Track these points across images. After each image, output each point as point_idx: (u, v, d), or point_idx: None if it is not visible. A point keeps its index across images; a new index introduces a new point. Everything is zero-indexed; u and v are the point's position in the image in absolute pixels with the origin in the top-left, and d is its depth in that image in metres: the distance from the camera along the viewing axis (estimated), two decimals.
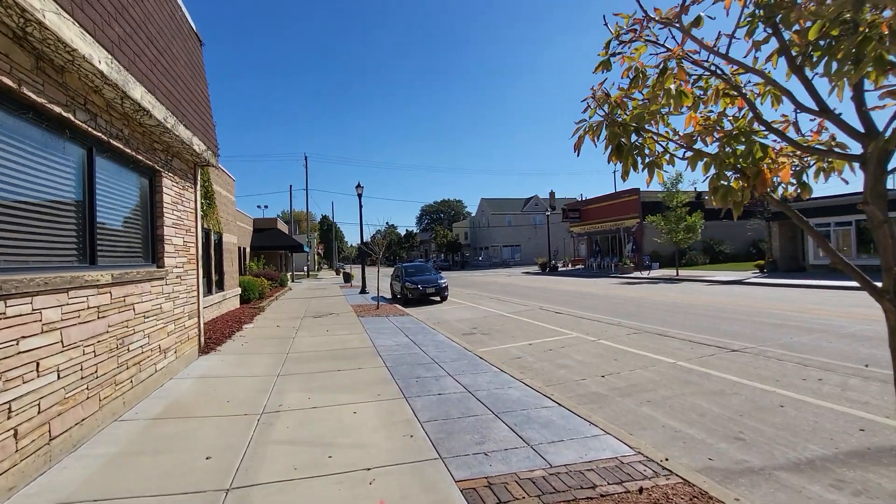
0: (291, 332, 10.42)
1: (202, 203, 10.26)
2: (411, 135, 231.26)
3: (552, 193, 69.00)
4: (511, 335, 10.00)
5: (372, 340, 9.09)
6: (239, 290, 14.81)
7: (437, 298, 17.77)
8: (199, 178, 7.75)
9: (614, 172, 61.69)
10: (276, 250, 29.00)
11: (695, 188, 26.82)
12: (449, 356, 7.56)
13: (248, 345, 8.81)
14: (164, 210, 6.21)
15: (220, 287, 12.76)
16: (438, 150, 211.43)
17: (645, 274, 28.32)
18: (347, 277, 32.76)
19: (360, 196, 22.47)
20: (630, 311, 12.61)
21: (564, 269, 40.41)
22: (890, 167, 1.87)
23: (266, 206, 79.12)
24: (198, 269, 7.55)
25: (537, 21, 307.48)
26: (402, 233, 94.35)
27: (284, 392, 5.61)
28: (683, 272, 26.41)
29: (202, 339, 7.72)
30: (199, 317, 7.56)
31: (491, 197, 69.01)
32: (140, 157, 5.46)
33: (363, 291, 22.06)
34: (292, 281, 36.06)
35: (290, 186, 47.69)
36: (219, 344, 8.72)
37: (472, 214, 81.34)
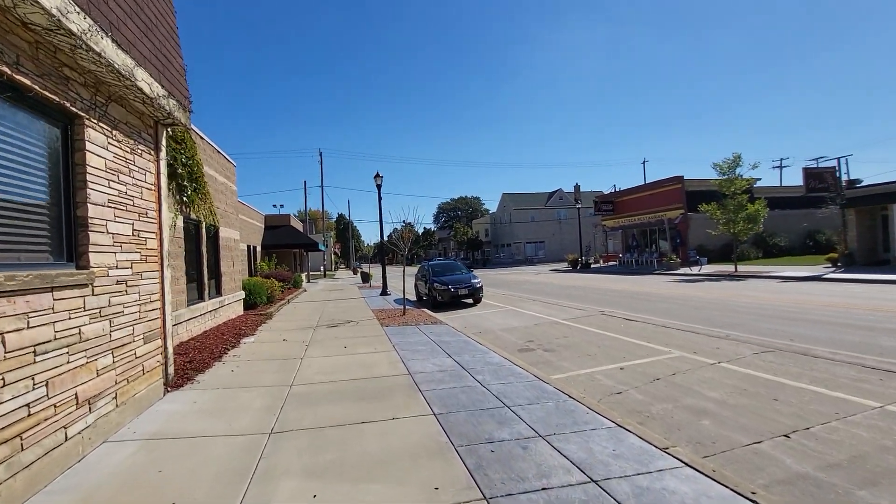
0: (300, 348, 8.17)
1: (186, 185, 8.08)
2: (427, 133, 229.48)
3: (577, 186, 65.64)
4: (586, 353, 7.55)
5: (405, 363, 6.76)
6: (242, 294, 12.68)
7: (470, 301, 15.40)
8: (163, 141, 5.52)
9: (643, 163, 58.17)
10: (290, 249, 27.04)
11: (743, 175, 23.38)
12: (520, 392, 5.18)
13: (241, 371, 6.57)
14: (91, 178, 3.97)
15: (217, 291, 10.62)
16: (455, 147, 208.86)
17: (695, 270, 25.42)
18: (365, 277, 30.69)
19: (379, 187, 20.23)
20: (722, 318, 10.01)
21: (597, 265, 37.57)
22: None
23: (282, 206, 77.97)
24: (162, 271, 5.32)
25: (550, 13, 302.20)
26: (420, 231, 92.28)
27: (275, 477, 3.31)
28: (742, 267, 23.42)
29: (170, 370, 5.50)
30: (164, 338, 5.34)
31: (513, 192, 66.25)
32: (29, 84, 3.22)
33: (384, 293, 19.84)
34: (308, 281, 34.16)
35: (305, 182, 45.93)
36: (201, 370, 6.50)
37: (491, 211, 78.57)
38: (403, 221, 15.70)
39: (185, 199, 8.16)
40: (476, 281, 15.43)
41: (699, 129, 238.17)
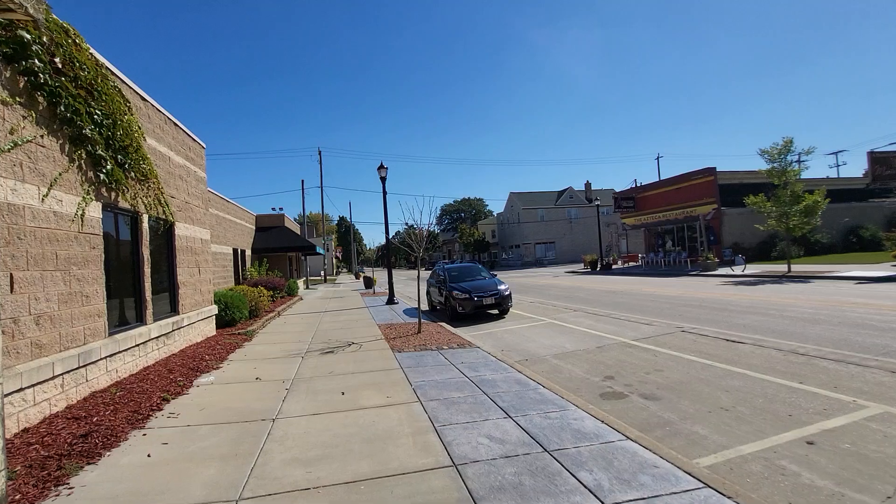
0: (276, 396, 5.50)
1: (104, 157, 5.45)
2: (429, 137, 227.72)
3: (588, 184, 63.04)
4: (717, 404, 4.86)
5: (439, 434, 4.08)
6: (213, 310, 10.00)
7: (496, 311, 12.73)
8: None
9: (657, 159, 55.51)
10: (284, 252, 24.40)
11: (794, 163, 20.63)
12: None
13: (163, 455, 3.89)
14: None
15: (173, 308, 7.96)
16: (457, 149, 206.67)
17: (738, 270, 22.64)
18: (368, 282, 27.97)
19: (383, 180, 17.60)
20: (865, 338, 7.29)
21: (618, 266, 34.81)
22: None
23: (281, 209, 75.41)
24: None
25: (550, 15, 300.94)
26: (425, 232, 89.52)
27: None
28: (796, 267, 20.64)
29: None
30: None
31: (521, 191, 63.60)
32: None
33: (391, 301, 17.16)
34: (306, 287, 31.52)
35: (302, 181, 43.51)
36: (96, 455, 3.82)
37: (496, 212, 75.94)
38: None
39: (102, 176, 5.49)
40: (503, 287, 12.74)
41: (706, 130, 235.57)
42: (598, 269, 33.16)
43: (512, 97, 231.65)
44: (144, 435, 4.33)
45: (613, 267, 33.91)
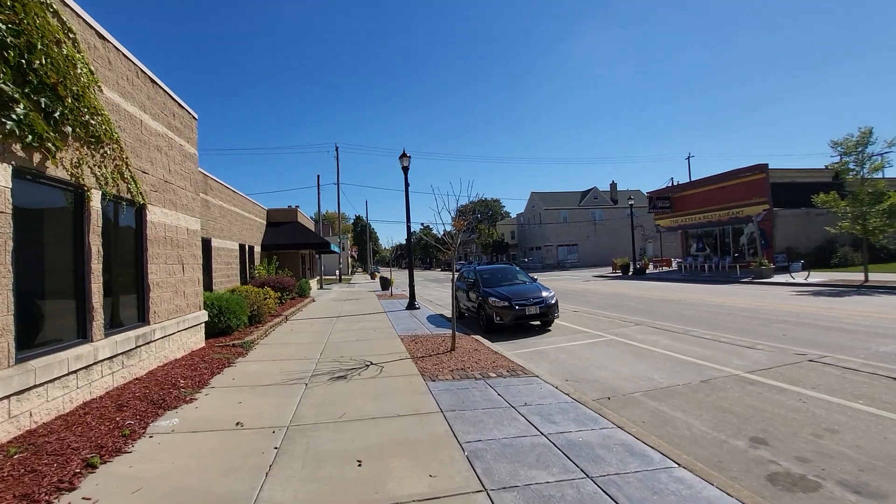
0: (256, 466, 3.57)
1: (13, 94, 3.59)
2: (448, 135, 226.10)
3: (613, 185, 60.43)
4: None
5: None
6: (202, 317, 8.18)
7: (537, 322, 10.70)
8: None
9: (688, 159, 52.36)
10: (296, 249, 22.69)
11: (877, 156, 18.15)
12: None
13: None
14: None
15: (141, 317, 6.14)
16: (475, 148, 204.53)
17: (799, 277, 20.09)
18: (385, 283, 26.20)
19: (405, 170, 15.71)
20: None
21: (652, 272, 32.30)
22: None
23: (297, 206, 74.63)
24: None
25: (571, 15, 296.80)
26: (440, 233, 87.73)
27: None
28: (872, 276, 18.06)
29: None
30: None
31: (543, 190, 61.21)
32: None
33: (412, 306, 15.24)
34: (320, 287, 29.88)
35: (318, 177, 42.18)
36: None
37: (513, 213, 73.46)
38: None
39: (10, 125, 3.66)
40: (548, 294, 10.68)
41: (728, 132, 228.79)
42: (630, 273, 30.77)
43: (532, 97, 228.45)
44: None
45: (647, 272, 31.44)
